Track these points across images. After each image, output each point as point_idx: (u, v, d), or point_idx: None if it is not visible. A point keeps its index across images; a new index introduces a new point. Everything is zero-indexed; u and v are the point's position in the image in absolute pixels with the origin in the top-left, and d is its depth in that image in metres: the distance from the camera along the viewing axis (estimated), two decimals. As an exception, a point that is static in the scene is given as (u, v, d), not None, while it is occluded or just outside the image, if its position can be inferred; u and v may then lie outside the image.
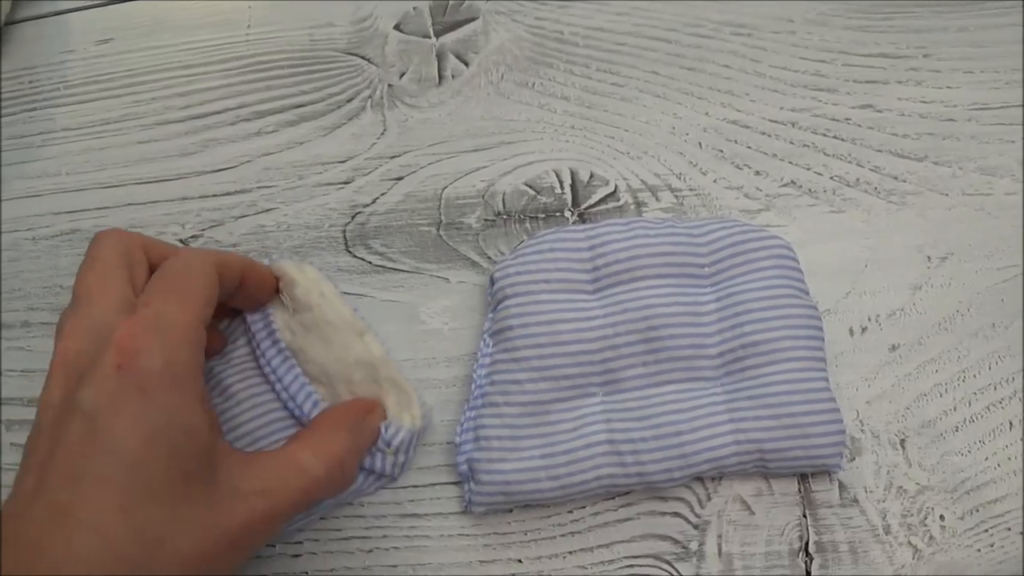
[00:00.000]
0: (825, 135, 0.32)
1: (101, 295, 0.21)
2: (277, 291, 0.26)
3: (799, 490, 0.26)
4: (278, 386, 0.26)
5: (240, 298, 0.25)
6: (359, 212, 0.31)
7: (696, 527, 0.26)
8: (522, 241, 0.30)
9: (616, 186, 0.31)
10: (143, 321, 0.20)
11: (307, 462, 0.22)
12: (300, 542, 0.26)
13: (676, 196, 0.31)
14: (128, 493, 0.18)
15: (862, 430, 0.27)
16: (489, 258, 0.30)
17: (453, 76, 0.34)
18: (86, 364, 0.19)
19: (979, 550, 0.26)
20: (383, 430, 0.25)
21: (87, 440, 0.18)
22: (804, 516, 0.26)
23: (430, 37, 0.35)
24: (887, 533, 0.26)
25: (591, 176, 0.32)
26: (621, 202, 0.31)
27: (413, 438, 0.26)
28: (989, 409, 0.27)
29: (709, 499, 0.26)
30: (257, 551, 0.22)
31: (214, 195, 0.32)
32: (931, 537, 0.26)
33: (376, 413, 0.25)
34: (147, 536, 0.18)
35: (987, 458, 0.27)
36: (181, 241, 0.31)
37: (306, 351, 0.26)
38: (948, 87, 0.33)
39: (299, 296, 0.26)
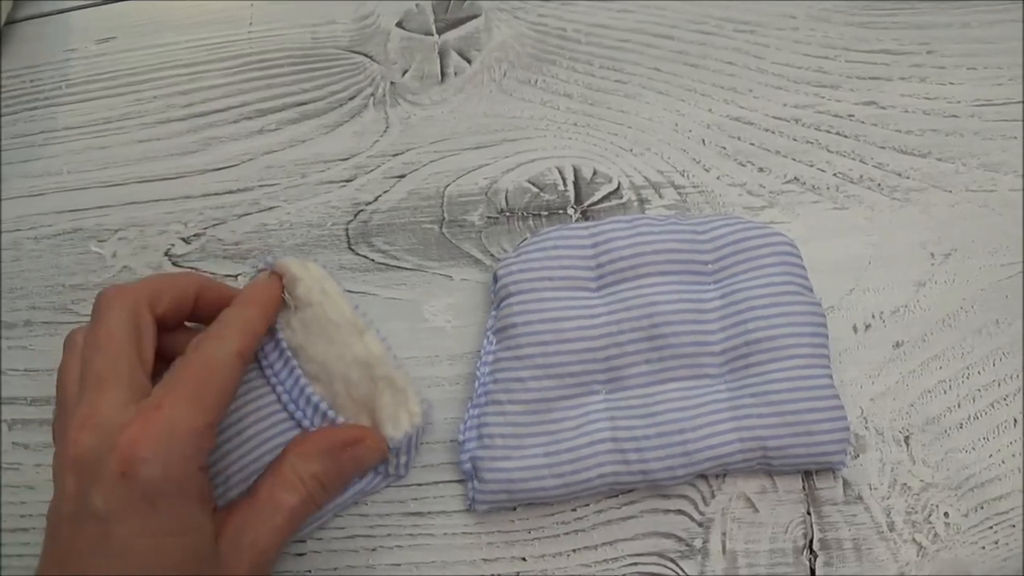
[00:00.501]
0: (828, 132, 0.32)
1: (113, 383, 0.21)
2: (281, 289, 0.26)
3: (803, 487, 0.26)
4: (279, 388, 0.26)
5: (202, 318, 0.26)
6: (362, 210, 0.31)
7: (700, 525, 0.26)
8: (525, 238, 0.30)
9: (619, 183, 0.31)
10: (149, 427, 0.20)
11: (280, 497, 0.23)
12: (303, 540, 0.26)
13: (679, 193, 0.31)
14: None
15: (866, 427, 0.27)
16: (492, 255, 0.30)
17: (455, 73, 0.34)
18: (95, 461, 0.20)
19: (983, 547, 0.26)
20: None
21: (100, 543, 0.20)
22: (808, 513, 0.26)
23: (432, 34, 0.35)
24: (891, 530, 0.26)
25: (594, 173, 0.32)
26: (624, 199, 0.31)
27: (413, 437, 0.26)
28: (993, 406, 0.27)
29: (713, 496, 0.26)
30: None
31: (216, 193, 0.32)
32: (935, 534, 0.26)
33: (365, 444, 0.25)
34: None
35: (991, 455, 0.27)
36: (183, 240, 0.31)
37: (307, 349, 0.26)
38: (951, 83, 0.32)
39: (301, 293, 0.26)
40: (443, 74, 0.34)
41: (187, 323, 0.26)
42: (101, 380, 0.21)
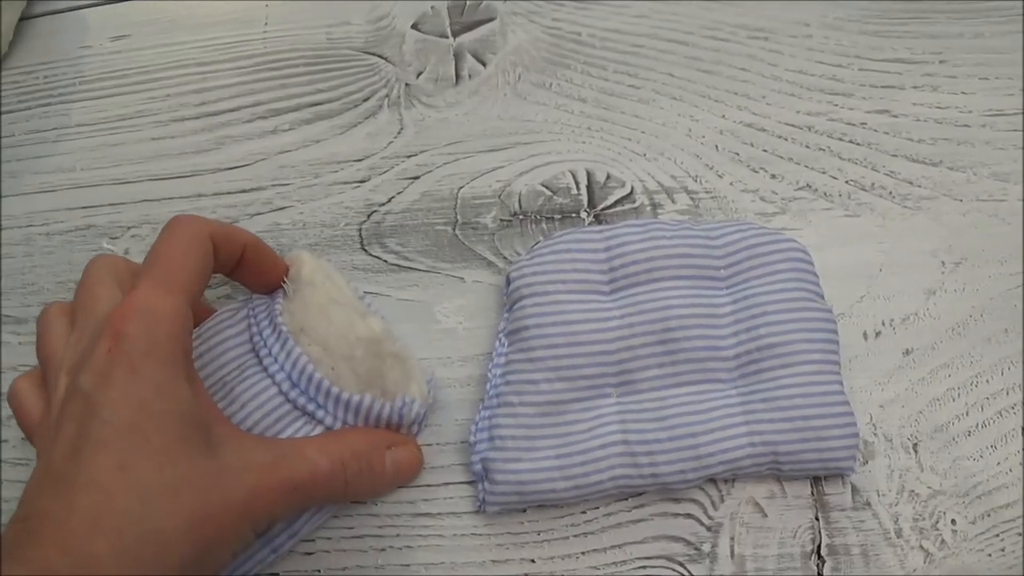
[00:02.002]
0: (841, 139, 0.32)
1: (94, 300, 0.23)
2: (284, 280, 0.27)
3: (812, 493, 0.27)
4: (279, 375, 0.25)
5: (242, 274, 0.26)
6: (375, 211, 0.32)
7: (709, 529, 0.26)
8: (538, 241, 0.30)
9: (632, 188, 0.31)
10: (130, 306, 0.21)
11: (312, 455, 0.23)
12: (313, 540, 0.26)
13: (692, 198, 0.31)
14: (125, 454, 0.19)
15: (875, 434, 0.27)
16: (505, 258, 0.30)
17: (470, 76, 0.34)
18: (89, 350, 0.21)
19: (990, 555, 0.26)
20: (395, 404, 0.25)
21: (86, 416, 0.19)
22: (817, 519, 0.26)
23: (447, 37, 0.35)
24: (899, 537, 0.26)
25: (607, 177, 0.32)
26: (637, 204, 0.31)
27: (422, 413, 0.26)
28: (1001, 414, 0.27)
29: (722, 501, 0.26)
30: (259, 534, 0.22)
31: (229, 192, 0.32)
32: (943, 541, 0.26)
33: (404, 450, 0.25)
34: (146, 490, 0.19)
35: (999, 463, 0.27)
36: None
37: (307, 331, 0.26)
38: (963, 93, 0.33)
39: (304, 275, 0.26)
40: (458, 76, 0.34)
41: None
42: (85, 300, 0.23)
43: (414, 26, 0.35)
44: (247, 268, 0.25)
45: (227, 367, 0.26)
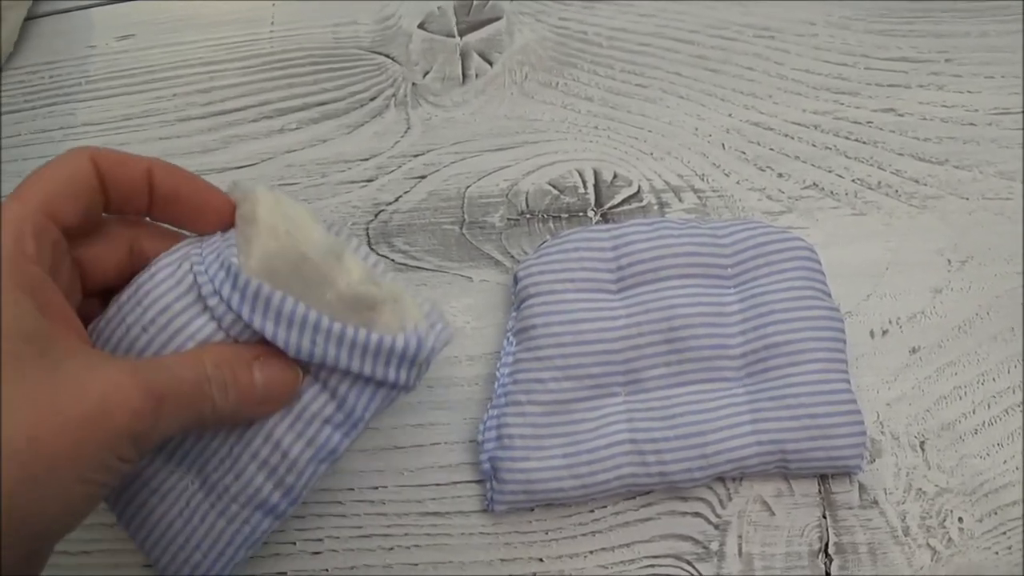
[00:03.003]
0: (847, 138, 0.32)
1: None
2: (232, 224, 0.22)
3: (819, 491, 0.27)
4: (228, 317, 0.21)
5: (168, 211, 0.22)
6: (382, 210, 0.32)
7: (717, 527, 0.26)
8: (545, 240, 0.30)
9: (639, 187, 0.31)
10: None
11: (170, 363, 0.20)
12: (320, 539, 0.26)
13: (699, 197, 0.31)
14: None
15: (882, 432, 0.27)
16: (512, 257, 0.30)
17: (477, 75, 0.34)
18: None
19: (997, 552, 0.26)
20: (399, 341, 0.21)
21: None
22: (824, 517, 0.26)
23: (454, 36, 0.35)
24: (906, 535, 0.26)
25: (614, 176, 0.32)
26: (644, 203, 0.31)
27: (424, 342, 0.22)
28: (1008, 412, 0.28)
29: (730, 499, 0.27)
30: (128, 459, 0.19)
31: (236, 191, 0.32)
32: (950, 539, 0.26)
33: (274, 363, 0.21)
34: None
35: (1005, 461, 0.27)
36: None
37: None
38: (969, 91, 0.33)
39: (262, 217, 0.21)
40: (464, 76, 0.34)
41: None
42: (8, 197, 0.20)
43: (421, 25, 0.35)
44: (169, 202, 0.22)
45: (162, 315, 0.21)
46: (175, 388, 0.19)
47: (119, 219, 0.23)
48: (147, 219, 0.23)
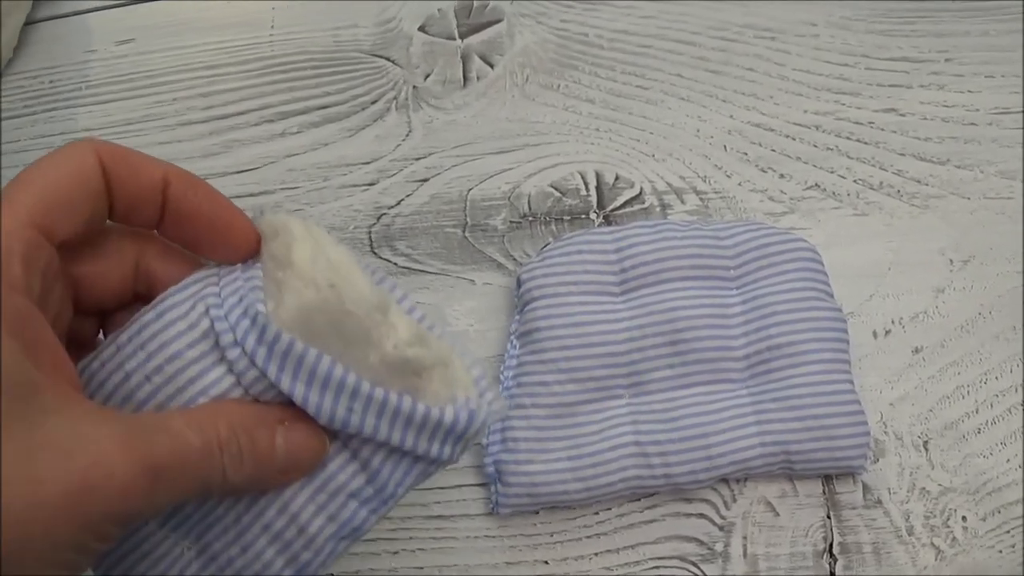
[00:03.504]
0: (848, 138, 0.32)
1: None
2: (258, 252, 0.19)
3: (823, 491, 0.27)
4: (250, 373, 0.18)
5: (182, 230, 0.19)
6: (384, 213, 0.32)
7: (721, 528, 0.26)
8: (548, 243, 0.30)
9: (641, 188, 0.31)
10: None
11: (178, 427, 0.16)
12: (328, 542, 0.27)
13: (701, 199, 0.31)
14: None
15: (885, 432, 0.27)
16: (515, 260, 0.30)
17: (478, 78, 0.34)
18: None
19: (1000, 551, 0.26)
20: (447, 414, 0.19)
21: None
22: (828, 517, 0.26)
23: (455, 39, 0.35)
24: (910, 534, 0.26)
25: (616, 178, 0.32)
26: (646, 204, 0.31)
27: (474, 415, 0.19)
28: (1011, 411, 0.28)
29: (734, 500, 0.27)
30: (108, 540, 0.16)
31: (237, 196, 0.32)
32: (953, 538, 0.26)
33: (300, 429, 0.18)
34: None
35: (1008, 460, 0.27)
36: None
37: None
38: (970, 91, 0.33)
39: (298, 261, 0.18)
40: (465, 79, 0.34)
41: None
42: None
43: (421, 28, 0.35)
44: (184, 219, 0.18)
45: (170, 363, 0.18)
46: (178, 457, 0.16)
47: (125, 230, 0.19)
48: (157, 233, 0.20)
